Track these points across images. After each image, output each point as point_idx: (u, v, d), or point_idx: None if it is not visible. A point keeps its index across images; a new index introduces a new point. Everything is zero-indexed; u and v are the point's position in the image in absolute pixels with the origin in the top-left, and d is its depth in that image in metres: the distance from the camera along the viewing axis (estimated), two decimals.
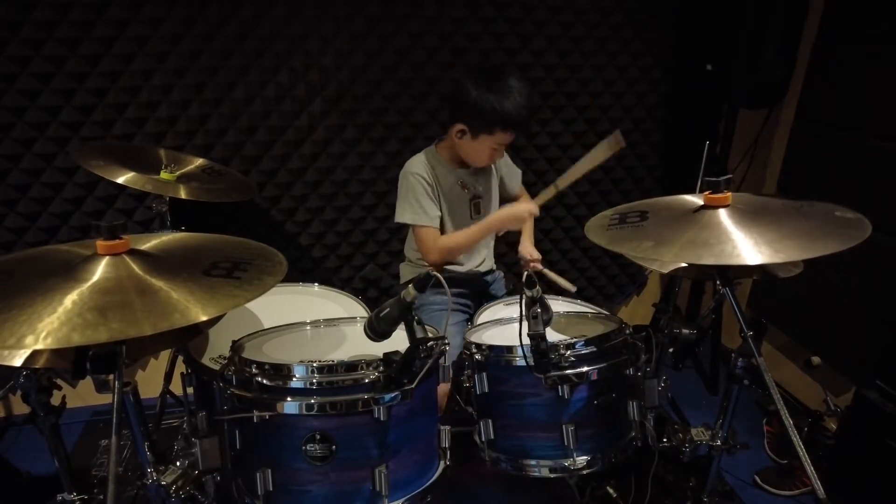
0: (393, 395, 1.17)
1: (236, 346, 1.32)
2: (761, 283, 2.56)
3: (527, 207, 1.88)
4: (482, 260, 2.10)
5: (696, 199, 1.37)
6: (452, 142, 1.90)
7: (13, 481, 2.02)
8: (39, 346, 0.89)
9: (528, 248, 2.11)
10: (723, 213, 1.24)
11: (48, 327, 0.91)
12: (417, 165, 1.91)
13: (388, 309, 1.18)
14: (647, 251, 1.21)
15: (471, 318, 1.78)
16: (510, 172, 2.14)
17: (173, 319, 0.97)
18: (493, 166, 2.05)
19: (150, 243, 1.23)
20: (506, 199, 2.14)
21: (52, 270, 1.06)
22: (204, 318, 0.99)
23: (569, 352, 1.34)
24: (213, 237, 1.33)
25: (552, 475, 1.41)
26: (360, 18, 2.23)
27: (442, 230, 1.95)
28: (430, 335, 1.18)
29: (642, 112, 2.64)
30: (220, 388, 1.24)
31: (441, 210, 1.93)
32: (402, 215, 1.91)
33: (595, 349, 1.37)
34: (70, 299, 0.97)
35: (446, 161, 1.94)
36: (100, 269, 1.05)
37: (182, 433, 1.68)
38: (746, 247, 1.14)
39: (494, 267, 2.19)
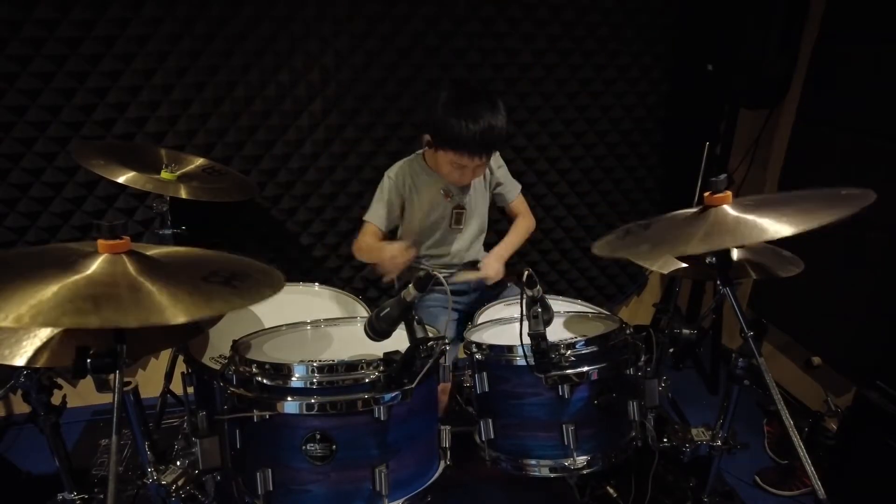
0: (393, 394, 1.17)
1: (237, 346, 1.32)
2: (761, 283, 2.56)
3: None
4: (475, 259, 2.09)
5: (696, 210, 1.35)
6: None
7: (13, 481, 2.02)
8: (27, 323, 0.88)
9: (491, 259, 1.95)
10: (727, 207, 1.22)
11: (40, 307, 0.91)
12: (394, 169, 1.96)
13: (388, 309, 1.18)
14: (655, 252, 1.20)
15: (470, 317, 1.78)
16: (507, 184, 2.09)
17: (165, 316, 0.95)
18: (484, 176, 2.02)
19: (152, 251, 1.22)
20: (501, 206, 2.14)
21: (51, 262, 1.05)
22: (201, 317, 0.98)
23: (569, 351, 1.34)
24: (216, 254, 1.31)
25: (552, 475, 1.41)
26: (360, 18, 2.23)
27: (419, 235, 1.96)
28: (431, 335, 1.18)
29: (643, 112, 2.64)
30: (220, 388, 1.25)
31: (412, 216, 1.95)
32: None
33: (595, 349, 1.37)
34: (65, 286, 0.97)
35: (430, 168, 1.94)
36: (96, 264, 1.05)
37: (182, 433, 1.69)
38: (764, 224, 1.10)
39: None
